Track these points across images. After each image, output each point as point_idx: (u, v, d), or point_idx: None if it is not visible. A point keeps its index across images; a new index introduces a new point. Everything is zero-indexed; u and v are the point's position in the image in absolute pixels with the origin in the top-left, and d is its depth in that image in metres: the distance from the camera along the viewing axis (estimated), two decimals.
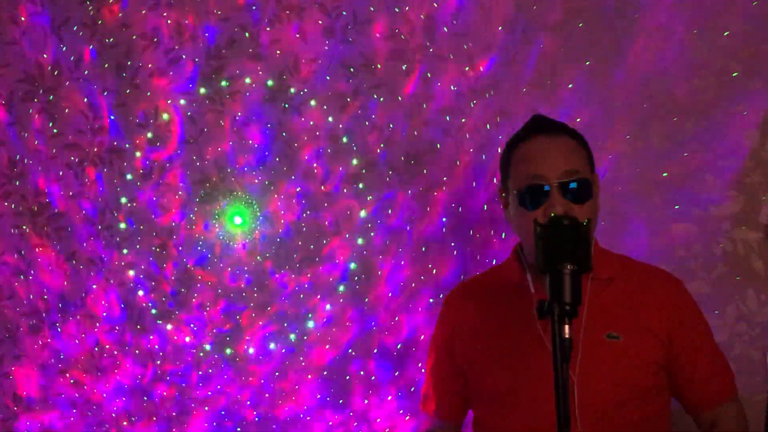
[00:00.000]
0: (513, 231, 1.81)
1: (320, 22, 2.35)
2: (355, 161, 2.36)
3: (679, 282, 1.82)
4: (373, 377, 2.38)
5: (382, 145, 2.35)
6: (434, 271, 2.34)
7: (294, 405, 2.41)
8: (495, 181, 2.31)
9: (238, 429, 2.44)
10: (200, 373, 2.44)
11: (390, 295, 2.37)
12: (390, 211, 2.36)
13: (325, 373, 2.39)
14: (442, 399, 1.94)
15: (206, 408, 2.44)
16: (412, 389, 2.36)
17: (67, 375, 2.48)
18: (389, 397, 2.38)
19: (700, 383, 1.78)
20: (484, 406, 1.84)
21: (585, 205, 1.68)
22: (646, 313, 1.73)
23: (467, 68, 2.30)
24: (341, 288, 2.38)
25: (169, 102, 2.41)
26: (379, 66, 2.33)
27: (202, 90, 2.40)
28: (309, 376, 2.40)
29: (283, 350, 2.40)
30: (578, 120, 2.19)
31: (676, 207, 2.19)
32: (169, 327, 2.44)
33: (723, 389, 1.80)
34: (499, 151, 2.26)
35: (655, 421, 1.74)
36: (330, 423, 2.40)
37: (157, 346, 2.45)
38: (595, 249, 1.79)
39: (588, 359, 1.68)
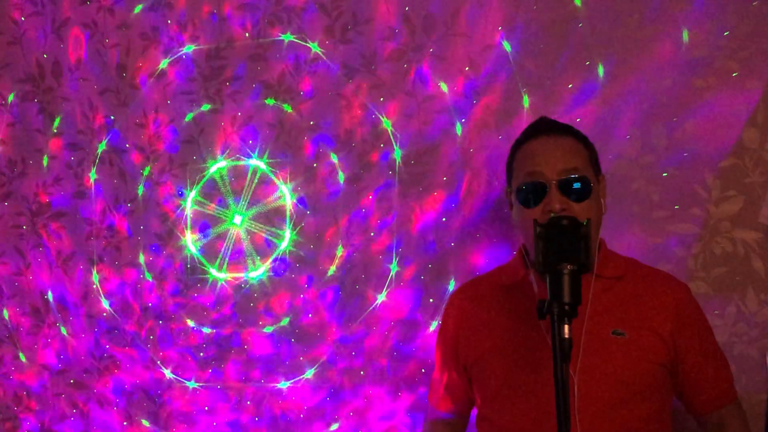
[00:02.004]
0: (516, 230, 1.82)
1: (320, 22, 2.35)
2: (355, 161, 2.36)
3: (685, 286, 1.82)
4: (373, 378, 2.38)
5: (382, 145, 2.35)
6: (434, 272, 2.34)
7: (295, 405, 2.41)
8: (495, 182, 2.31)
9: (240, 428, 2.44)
10: (202, 373, 2.44)
11: (390, 296, 2.37)
12: (390, 211, 2.36)
13: (325, 372, 2.39)
14: (448, 393, 1.97)
15: (206, 408, 2.44)
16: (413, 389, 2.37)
17: (68, 375, 2.49)
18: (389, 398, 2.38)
19: (703, 386, 1.78)
20: (487, 403, 1.85)
21: (584, 203, 1.68)
22: (651, 313, 1.73)
23: (467, 68, 2.30)
24: (341, 287, 2.38)
25: (169, 102, 2.42)
26: (379, 66, 2.34)
27: (202, 90, 2.40)
28: (309, 376, 2.40)
29: (285, 349, 2.41)
30: (578, 120, 2.19)
31: (676, 207, 2.19)
32: (169, 326, 2.45)
33: (725, 392, 1.81)
34: (500, 151, 2.28)
35: (656, 420, 1.73)
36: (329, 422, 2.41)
37: (157, 346, 2.45)
38: (603, 250, 1.80)
39: (590, 356, 1.69)
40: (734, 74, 2.15)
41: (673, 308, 1.74)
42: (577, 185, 1.68)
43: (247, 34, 2.38)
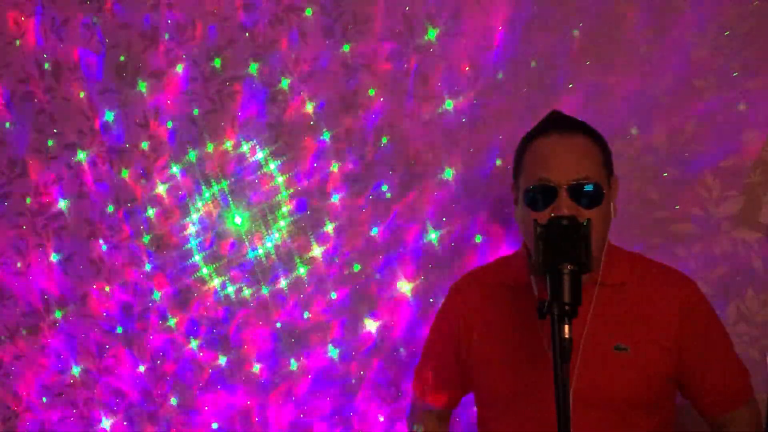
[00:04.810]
0: (519, 229, 1.79)
1: (320, 22, 2.35)
2: (355, 161, 2.36)
3: (691, 282, 1.77)
4: (374, 379, 2.38)
5: (381, 145, 2.35)
6: (434, 272, 2.34)
7: (294, 405, 2.41)
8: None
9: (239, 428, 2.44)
10: (201, 373, 2.44)
11: (390, 295, 2.37)
12: (390, 211, 2.36)
13: (325, 373, 2.39)
14: (437, 385, 1.93)
15: (206, 408, 2.44)
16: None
17: (67, 375, 2.49)
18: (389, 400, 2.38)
19: (712, 391, 1.74)
20: (488, 407, 1.83)
21: (593, 210, 1.62)
22: (657, 322, 1.69)
23: (467, 68, 2.30)
24: (339, 287, 2.38)
25: (169, 102, 2.42)
26: (379, 66, 2.33)
27: (202, 90, 2.40)
28: (309, 376, 2.40)
29: (284, 350, 2.41)
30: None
31: (676, 207, 2.19)
32: (169, 327, 2.44)
33: (736, 395, 1.76)
34: (500, 151, 2.28)
35: (661, 430, 1.71)
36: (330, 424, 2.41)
37: (157, 346, 2.45)
38: (609, 253, 1.74)
39: (592, 371, 1.66)
40: (734, 74, 2.15)
41: (678, 312, 1.70)
42: (588, 191, 1.63)
43: (247, 34, 2.38)
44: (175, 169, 2.42)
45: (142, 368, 2.46)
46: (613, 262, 1.75)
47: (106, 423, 2.48)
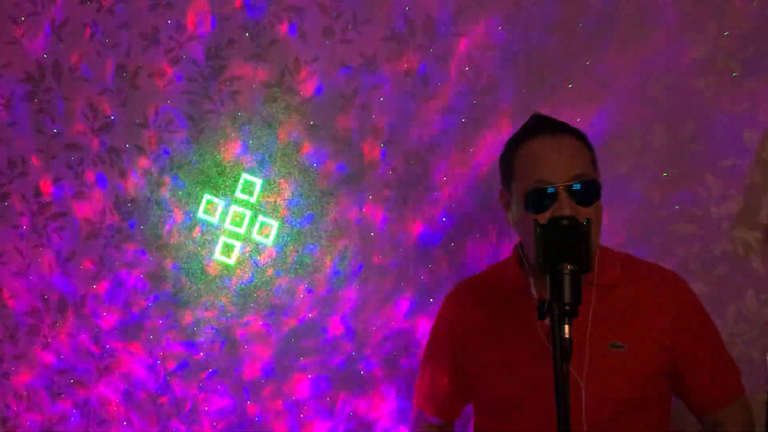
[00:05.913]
0: (516, 232, 1.78)
1: (320, 22, 2.35)
2: (355, 161, 2.36)
3: (682, 281, 1.78)
4: (373, 378, 2.38)
5: (382, 145, 2.35)
6: (434, 272, 2.34)
7: (295, 404, 2.41)
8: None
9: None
10: (201, 372, 2.44)
11: (390, 295, 2.37)
12: (390, 211, 2.36)
13: (325, 372, 2.40)
14: (438, 397, 1.93)
15: (207, 408, 2.44)
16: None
17: (67, 375, 2.48)
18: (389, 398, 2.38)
19: (704, 388, 1.75)
20: (487, 412, 1.82)
21: (592, 206, 1.63)
22: (650, 319, 1.70)
23: (467, 68, 2.30)
24: (339, 287, 2.38)
25: (169, 102, 2.42)
26: (379, 66, 2.33)
27: (202, 90, 2.40)
28: (309, 376, 2.40)
29: (286, 347, 2.41)
30: (578, 120, 2.19)
31: (676, 207, 2.19)
32: (169, 327, 2.44)
33: (727, 391, 1.77)
34: (500, 151, 2.28)
35: (658, 427, 1.72)
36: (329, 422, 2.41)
37: (157, 346, 2.45)
38: (602, 253, 1.74)
39: (594, 367, 1.67)
40: (734, 74, 2.15)
41: (673, 310, 1.71)
42: (587, 187, 1.63)
43: (247, 34, 2.38)
44: (175, 170, 2.42)
45: (142, 368, 2.46)
46: (607, 264, 1.75)
47: (107, 423, 2.48)
